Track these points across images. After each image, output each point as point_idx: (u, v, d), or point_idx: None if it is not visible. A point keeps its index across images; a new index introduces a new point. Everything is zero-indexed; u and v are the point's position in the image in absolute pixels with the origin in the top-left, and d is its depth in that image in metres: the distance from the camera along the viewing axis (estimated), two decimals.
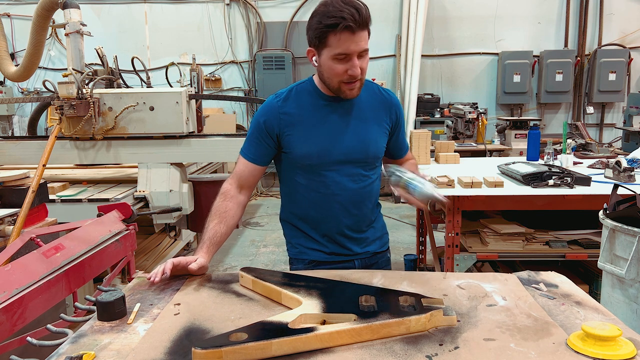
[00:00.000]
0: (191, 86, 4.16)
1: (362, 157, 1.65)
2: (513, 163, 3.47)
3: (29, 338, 1.22)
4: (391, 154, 1.78)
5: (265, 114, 1.63)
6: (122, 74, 3.84)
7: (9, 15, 7.56)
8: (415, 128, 6.81)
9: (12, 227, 2.36)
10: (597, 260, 2.34)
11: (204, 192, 3.57)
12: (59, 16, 3.59)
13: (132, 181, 3.57)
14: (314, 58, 1.55)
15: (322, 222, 1.68)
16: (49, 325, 1.28)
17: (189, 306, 1.30)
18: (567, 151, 3.83)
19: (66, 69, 3.43)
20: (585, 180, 3.02)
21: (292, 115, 1.61)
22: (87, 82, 3.30)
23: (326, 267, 1.70)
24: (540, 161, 3.73)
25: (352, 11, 1.42)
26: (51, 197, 3.00)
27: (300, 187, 1.67)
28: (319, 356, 1.04)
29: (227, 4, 7.61)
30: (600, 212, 2.35)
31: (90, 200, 3.10)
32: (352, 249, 1.71)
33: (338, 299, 1.26)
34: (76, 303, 1.39)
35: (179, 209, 3.30)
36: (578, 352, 1.04)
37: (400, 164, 1.73)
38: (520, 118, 6.37)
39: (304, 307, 1.19)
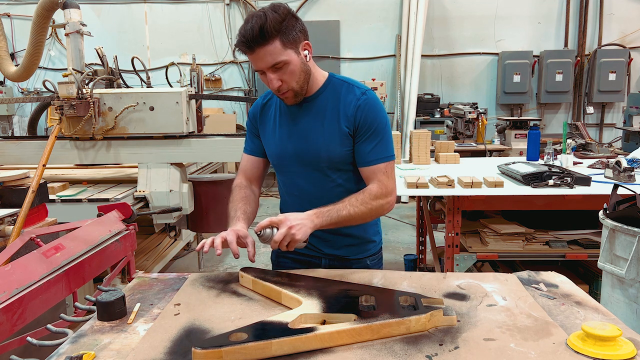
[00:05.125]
0: (191, 86, 4.16)
1: (314, 161, 1.60)
2: (513, 163, 3.47)
3: (29, 338, 1.22)
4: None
5: (252, 111, 1.76)
6: (122, 74, 3.83)
7: (9, 15, 7.56)
8: (415, 128, 6.81)
9: (12, 227, 2.35)
10: (597, 260, 2.35)
11: (204, 192, 3.57)
12: (59, 16, 3.59)
13: (132, 181, 3.57)
14: None
15: None
16: (49, 325, 1.28)
17: (189, 306, 1.30)
18: (567, 151, 3.83)
19: (66, 69, 3.42)
20: (585, 180, 3.02)
21: (264, 116, 1.71)
22: (87, 82, 3.30)
23: (294, 256, 1.71)
24: (540, 161, 3.74)
25: (246, 31, 1.42)
26: (51, 197, 3.00)
27: (278, 183, 1.78)
28: (319, 356, 1.04)
29: (227, 4, 7.62)
30: (600, 212, 2.35)
31: (90, 200, 3.10)
32: (318, 247, 1.69)
33: (338, 299, 1.26)
34: (76, 303, 1.39)
35: (179, 209, 3.30)
36: (578, 352, 1.04)
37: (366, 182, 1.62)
38: (520, 118, 6.37)
39: (304, 307, 1.19)
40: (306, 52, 1.52)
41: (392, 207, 1.58)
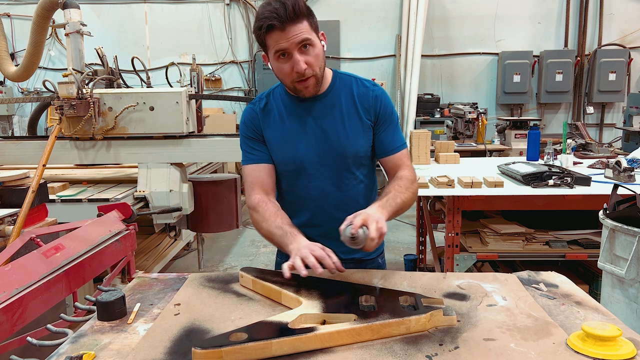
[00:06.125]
0: (191, 86, 4.16)
1: (340, 158, 1.56)
2: (513, 163, 3.47)
3: (29, 338, 1.22)
4: (375, 151, 1.64)
5: (250, 117, 1.63)
6: (122, 74, 3.83)
7: (9, 15, 7.56)
8: (415, 128, 6.81)
9: (12, 227, 2.35)
10: (597, 260, 2.35)
11: (204, 192, 3.57)
12: (59, 16, 3.59)
13: (132, 181, 3.57)
14: (269, 63, 1.51)
15: (303, 226, 1.58)
16: (49, 325, 1.27)
17: (189, 306, 1.30)
18: (567, 151, 3.83)
19: (66, 69, 3.42)
20: (585, 180, 3.02)
21: (267, 122, 1.60)
22: (87, 82, 3.30)
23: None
24: (540, 161, 3.74)
25: (276, 8, 1.37)
26: (51, 197, 3.00)
27: (282, 191, 1.67)
28: (319, 356, 1.04)
29: (227, 4, 7.62)
30: (600, 212, 2.35)
31: (90, 200, 3.10)
32: (336, 251, 1.59)
33: (338, 299, 1.26)
34: (76, 303, 1.39)
35: (179, 209, 3.30)
36: (578, 352, 1.04)
37: (389, 173, 1.62)
38: (520, 118, 6.37)
39: (304, 307, 1.19)
40: (323, 42, 1.50)
41: None
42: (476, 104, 6.24)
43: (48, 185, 2.83)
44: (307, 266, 1.32)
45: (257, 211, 1.56)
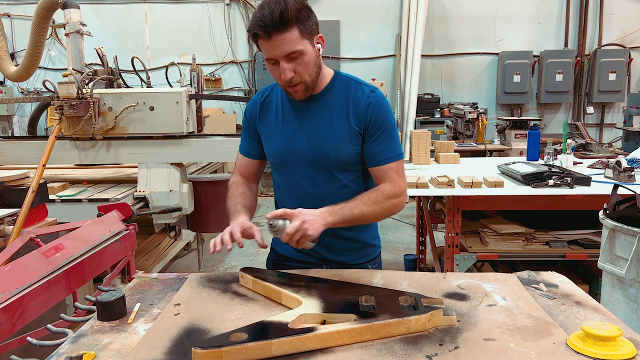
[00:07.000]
0: (191, 86, 4.16)
1: (322, 160, 1.55)
2: (513, 163, 3.47)
3: (29, 338, 1.22)
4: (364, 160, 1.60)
5: (249, 108, 1.70)
6: (122, 74, 3.83)
7: (9, 15, 7.56)
8: (415, 128, 6.81)
9: (12, 227, 2.35)
10: (597, 260, 2.35)
11: (204, 192, 3.57)
12: (59, 16, 3.59)
13: (132, 181, 3.57)
14: None
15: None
16: (49, 325, 1.28)
17: (189, 306, 1.30)
18: (567, 151, 3.83)
19: (66, 69, 3.42)
20: (585, 180, 3.02)
21: (265, 113, 1.65)
22: (87, 82, 3.30)
23: (293, 264, 1.66)
24: (540, 161, 3.74)
25: (264, 15, 1.35)
26: (51, 197, 3.00)
27: (275, 183, 1.73)
28: (319, 356, 1.04)
29: (227, 4, 7.62)
30: (600, 212, 2.35)
31: (90, 200, 3.10)
32: (320, 252, 1.64)
33: (338, 299, 1.26)
34: (76, 303, 1.39)
35: (179, 209, 3.30)
36: (578, 352, 1.04)
37: (376, 184, 1.60)
38: (520, 118, 6.37)
39: (304, 307, 1.19)
40: (319, 45, 1.49)
41: (403, 206, 1.57)
42: (476, 104, 6.24)
43: (48, 185, 2.83)
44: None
45: (229, 190, 1.71)
